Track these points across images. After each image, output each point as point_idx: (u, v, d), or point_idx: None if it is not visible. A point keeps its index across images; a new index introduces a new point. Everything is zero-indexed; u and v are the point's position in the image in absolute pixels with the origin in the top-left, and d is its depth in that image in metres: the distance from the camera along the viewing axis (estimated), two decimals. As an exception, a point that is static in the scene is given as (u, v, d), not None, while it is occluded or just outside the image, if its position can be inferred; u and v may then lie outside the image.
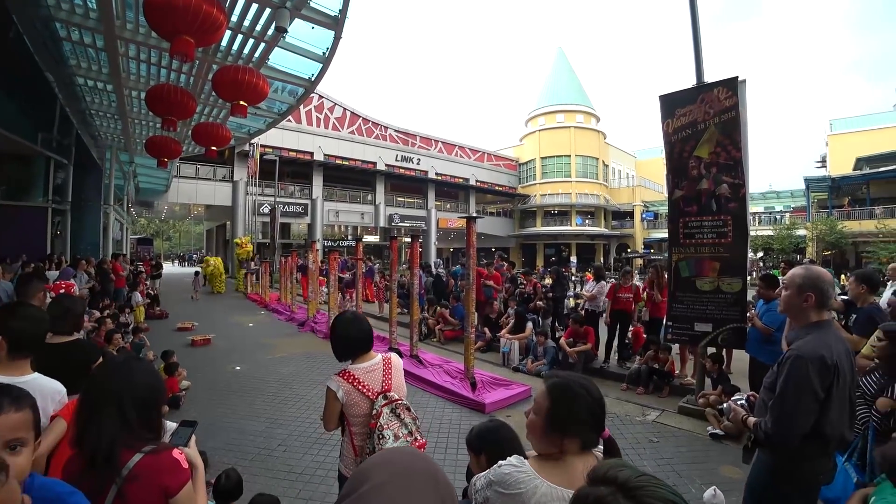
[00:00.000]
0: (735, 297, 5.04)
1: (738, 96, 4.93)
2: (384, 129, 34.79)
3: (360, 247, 10.55)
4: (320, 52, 7.97)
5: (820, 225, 27.98)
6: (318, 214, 30.14)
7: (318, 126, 30.49)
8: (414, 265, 8.03)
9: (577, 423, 1.29)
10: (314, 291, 11.82)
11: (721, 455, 4.30)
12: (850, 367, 2.02)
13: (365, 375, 2.24)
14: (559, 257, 40.60)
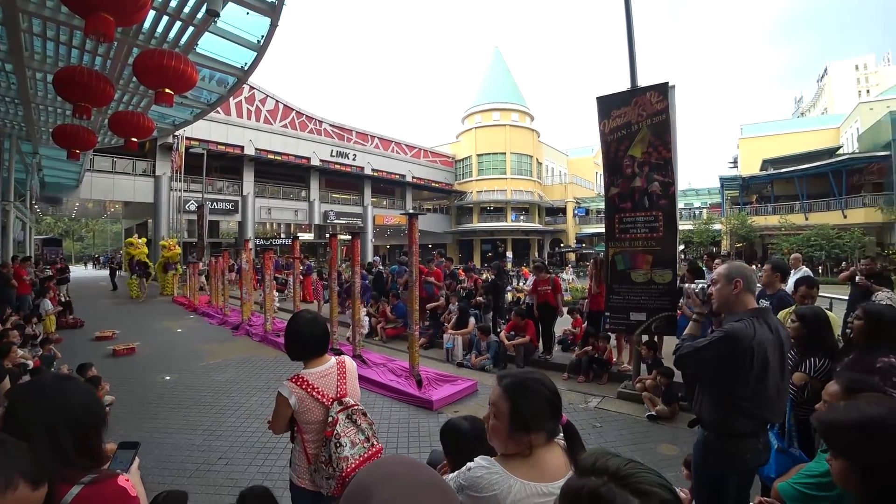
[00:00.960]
0: (666, 287, 5.39)
1: (668, 100, 5.28)
2: (319, 124, 33.74)
3: (296, 245, 10.27)
4: (254, 40, 7.57)
5: (733, 220, 30.94)
6: (250, 212, 28.77)
7: (249, 119, 29.07)
8: (355, 263, 7.87)
9: (540, 418, 1.29)
10: (248, 292, 11.27)
11: (658, 434, 4.63)
12: (780, 356, 2.22)
13: (319, 380, 2.15)
14: (496, 253, 41.37)
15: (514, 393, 1.32)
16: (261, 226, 33.15)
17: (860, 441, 1.17)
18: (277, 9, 6.57)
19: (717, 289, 2.33)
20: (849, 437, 1.20)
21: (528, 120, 44.90)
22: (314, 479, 2.11)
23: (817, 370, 2.89)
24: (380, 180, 38.45)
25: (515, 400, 1.30)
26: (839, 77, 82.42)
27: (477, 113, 44.17)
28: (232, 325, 10.89)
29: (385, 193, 41.43)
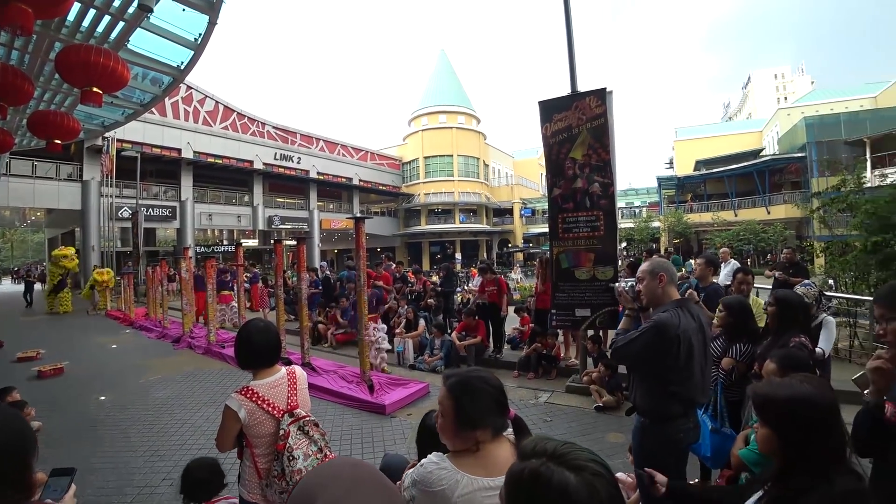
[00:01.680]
0: (608, 283, 5.61)
1: (606, 105, 5.53)
2: (261, 126, 32.57)
3: (240, 252, 9.92)
4: (192, 38, 7.30)
5: (670, 217, 32.93)
6: (189, 218, 27.27)
7: (186, 120, 27.56)
8: (301, 268, 7.70)
9: (484, 415, 1.33)
10: (189, 303, 10.73)
11: (606, 424, 4.84)
12: (702, 341, 2.41)
13: (270, 392, 2.08)
14: (445, 255, 41.60)
15: (458, 392, 1.36)
16: (201, 233, 31.76)
17: (786, 415, 1.31)
18: (216, 6, 6.36)
19: (644, 285, 2.50)
20: (777, 410, 1.33)
21: (474, 122, 45.47)
22: (266, 493, 2.06)
23: (742, 355, 3.15)
24: (326, 184, 37.62)
25: (460, 398, 1.35)
26: (761, 85, 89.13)
27: (423, 115, 44.30)
28: (172, 337, 10.33)
29: (331, 197, 40.50)
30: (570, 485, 0.76)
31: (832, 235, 10.63)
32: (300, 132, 35.84)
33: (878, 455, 1.62)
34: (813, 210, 10.85)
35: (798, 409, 1.29)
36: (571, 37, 6.30)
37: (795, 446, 1.28)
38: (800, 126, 30.19)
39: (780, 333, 2.89)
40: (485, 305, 7.84)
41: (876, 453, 1.62)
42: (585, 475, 0.78)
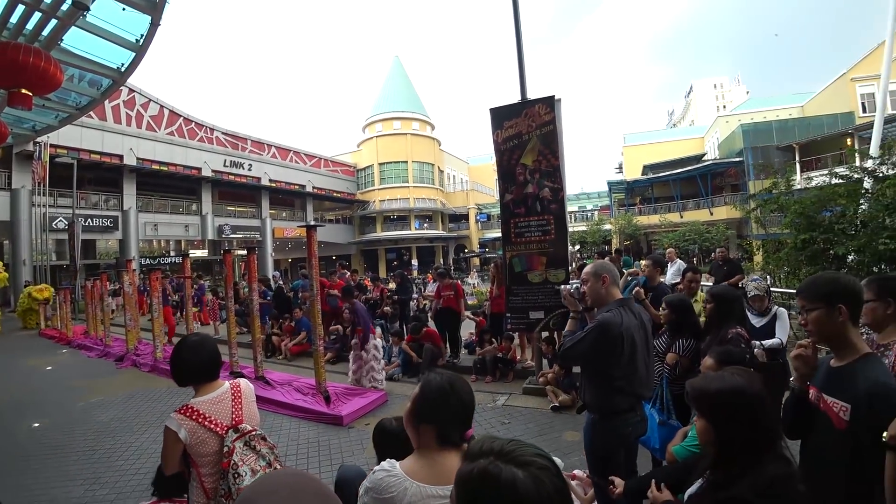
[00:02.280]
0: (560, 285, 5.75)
1: (555, 112, 5.70)
2: (210, 132, 31.33)
3: (187, 263, 9.51)
4: (133, 39, 7.00)
5: (620, 220, 34.42)
6: (133, 228, 25.81)
7: (128, 125, 26.10)
8: (252, 279, 7.42)
9: (434, 413, 1.35)
10: (133, 318, 10.08)
11: (563, 424, 4.94)
12: (644, 337, 2.53)
13: (211, 408, 2.00)
14: (401, 261, 41.42)
15: (423, 385, 1.41)
16: (147, 243, 30.26)
17: (717, 405, 1.40)
18: (159, 7, 6.11)
19: (588, 286, 2.60)
20: (710, 402, 1.43)
21: (428, 129, 45.62)
22: None
23: (685, 349, 3.31)
24: (278, 191, 36.75)
25: (421, 391, 1.40)
26: (702, 94, 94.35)
27: (377, 122, 44.05)
28: (115, 356, 9.75)
29: (284, 205, 39.68)
30: (518, 480, 0.78)
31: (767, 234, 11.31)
32: (251, 138, 34.86)
33: (804, 436, 1.74)
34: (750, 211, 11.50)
35: (729, 399, 1.37)
36: (521, 47, 6.47)
37: (728, 435, 1.37)
38: (737, 133, 32.20)
39: (720, 327, 3.08)
40: (442, 310, 7.85)
41: (802, 435, 1.74)
42: (532, 470, 0.80)
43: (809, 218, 8.36)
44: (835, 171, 9.32)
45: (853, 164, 9.09)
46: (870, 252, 7.00)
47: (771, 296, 4.26)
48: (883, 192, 7.67)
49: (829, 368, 1.67)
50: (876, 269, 6.90)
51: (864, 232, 7.52)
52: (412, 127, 43.91)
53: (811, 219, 8.34)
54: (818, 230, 8.09)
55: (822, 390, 1.64)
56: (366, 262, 44.77)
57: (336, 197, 42.56)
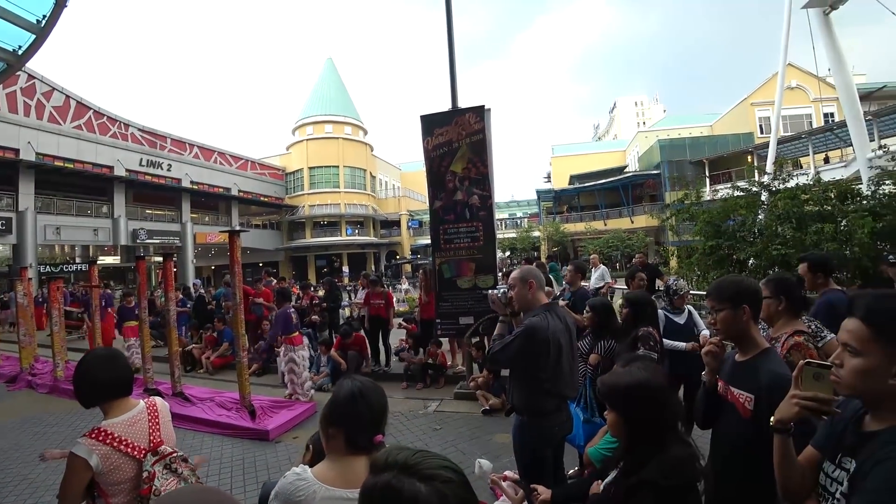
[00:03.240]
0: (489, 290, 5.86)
1: (484, 121, 5.83)
2: (125, 128, 28.64)
3: (94, 271, 8.71)
4: (33, 20, 6.34)
5: (549, 227, 35.69)
6: (30, 231, 22.93)
7: (27, 115, 23.21)
8: (169, 288, 6.94)
9: (342, 418, 1.36)
10: (28, 333, 9.03)
11: (493, 426, 5.01)
12: (569, 340, 2.64)
13: (127, 430, 1.81)
14: (332, 268, 40.59)
15: (335, 390, 1.44)
16: (47, 249, 27.47)
17: (626, 398, 1.51)
18: (64, -17, 5.57)
19: (515, 292, 2.67)
20: (619, 395, 1.53)
21: (361, 133, 45.11)
22: None
23: (607, 350, 3.48)
24: (201, 194, 34.42)
25: (333, 395, 1.43)
26: (624, 110, 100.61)
27: (308, 124, 42.96)
28: (6, 377, 8.66)
29: (208, 208, 37.32)
30: (421, 495, 0.77)
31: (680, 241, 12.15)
32: (171, 136, 32.44)
33: (713, 425, 1.90)
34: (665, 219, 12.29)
35: (635, 392, 1.48)
36: (453, 56, 6.59)
37: (636, 424, 1.48)
38: (655, 147, 34.73)
39: (635, 328, 3.26)
40: (371, 319, 7.72)
41: (712, 424, 1.90)
42: (436, 484, 0.78)
43: (716, 226, 9.14)
44: (737, 185, 10.21)
45: (752, 179, 9.98)
46: (765, 257, 7.73)
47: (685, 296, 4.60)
48: (776, 204, 8.54)
49: (734, 362, 1.83)
50: (771, 272, 7.60)
51: (760, 239, 8.35)
52: (344, 131, 43.24)
53: (717, 227, 9.12)
54: (723, 237, 8.88)
55: (729, 383, 1.79)
56: (294, 269, 43.41)
57: (263, 201, 40.77)
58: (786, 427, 1.30)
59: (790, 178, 9.44)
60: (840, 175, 16.34)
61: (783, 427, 1.30)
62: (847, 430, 1.23)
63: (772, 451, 1.34)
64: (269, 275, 10.66)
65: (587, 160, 43.66)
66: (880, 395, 1.12)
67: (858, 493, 1.10)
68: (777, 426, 1.31)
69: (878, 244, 7.45)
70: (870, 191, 8.45)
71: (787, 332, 2.24)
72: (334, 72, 46.82)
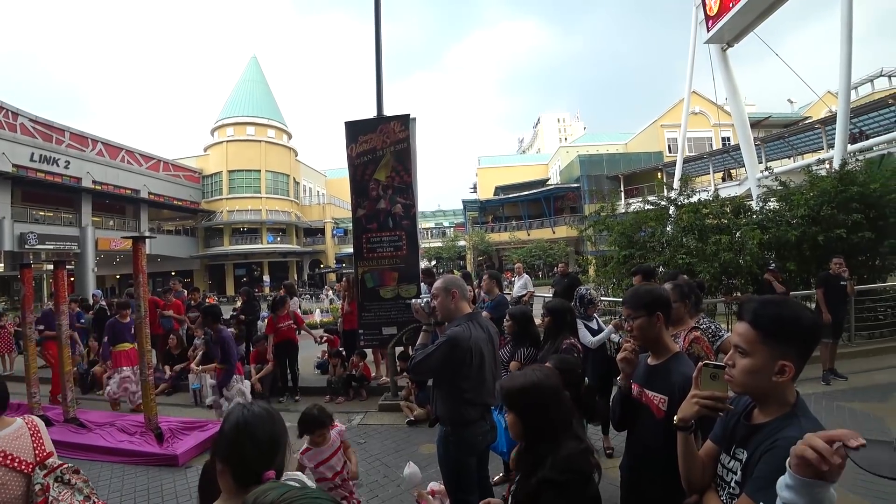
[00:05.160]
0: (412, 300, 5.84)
1: (409, 130, 5.83)
2: (12, 117, 25.28)
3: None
4: None
5: (474, 237, 36.61)
6: None
7: None
8: (60, 300, 6.15)
9: (228, 451, 1.23)
10: None
11: (419, 437, 4.99)
12: (490, 349, 2.67)
13: (11, 444, 1.73)
14: (252, 277, 38.82)
15: (224, 418, 1.31)
16: None
17: (520, 398, 1.59)
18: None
19: (438, 301, 2.67)
20: (514, 396, 1.61)
21: (285, 137, 43.67)
22: None
23: (526, 357, 3.54)
24: (105, 195, 31.28)
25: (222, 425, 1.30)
26: (548, 125, 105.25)
27: (229, 125, 40.90)
28: None
29: (113, 211, 34.27)
30: None
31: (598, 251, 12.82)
32: (70, 130, 29.26)
33: (629, 426, 1.98)
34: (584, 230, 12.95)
35: (529, 392, 1.58)
36: (380, 64, 6.58)
37: (531, 423, 1.57)
38: (575, 162, 36.93)
39: (555, 336, 3.35)
40: (279, 345, 6.89)
41: (628, 426, 1.98)
42: None
43: (629, 237, 9.80)
44: (647, 199, 10.97)
45: (661, 194, 10.75)
46: (672, 265, 8.32)
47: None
48: (681, 217, 9.28)
49: (647, 366, 1.92)
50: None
51: (668, 249, 9.01)
52: (267, 134, 41.63)
53: (630, 238, 9.78)
54: (636, 247, 9.55)
55: (644, 385, 1.88)
56: (211, 278, 41.11)
57: (177, 205, 38.08)
58: (687, 425, 1.39)
59: (693, 193, 10.33)
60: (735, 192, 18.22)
61: (685, 425, 1.39)
62: (739, 423, 1.34)
63: None
64: (179, 284, 9.94)
65: (512, 172, 45.24)
66: (766, 390, 1.24)
67: (750, 480, 1.20)
68: (679, 424, 1.40)
69: (765, 253, 8.27)
70: (758, 206, 9.41)
71: (685, 328, 2.49)
72: (259, 71, 45.04)
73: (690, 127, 25.11)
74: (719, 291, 8.26)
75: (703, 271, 7.91)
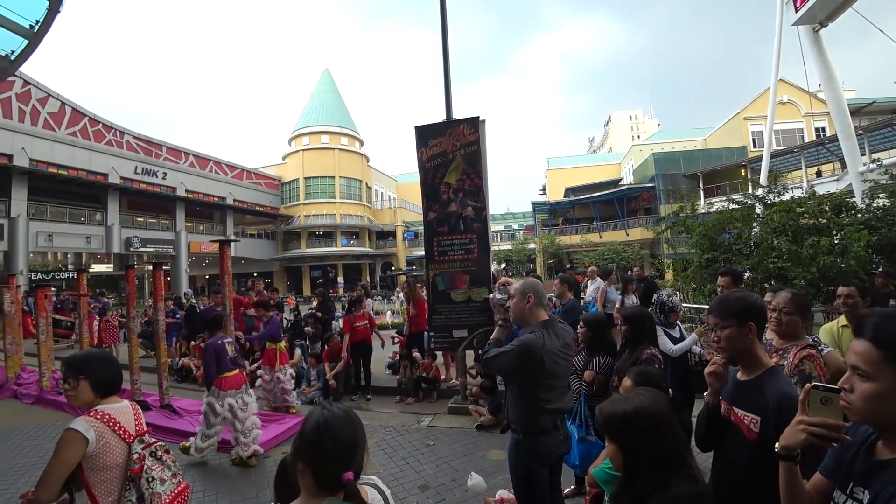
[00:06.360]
0: (483, 304, 5.78)
1: (479, 132, 5.79)
2: (120, 135, 28.51)
3: (82, 279, 8.62)
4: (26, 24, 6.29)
5: (544, 239, 35.73)
6: (21, 238, 22.63)
7: (21, 121, 22.97)
8: (158, 297, 6.80)
9: (308, 453, 1.24)
10: (15, 342, 8.83)
11: (488, 442, 4.92)
12: (565, 357, 2.56)
13: (120, 416, 1.94)
14: (326, 279, 40.38)
15: (304, 422, 1.30)
16: (39, 256, 27.19)
17: (623, 427, 1.41)
18: (57, -11, 5.55)
19: (513, 304, 2.61)
20: (616, 425, 1.42)
21: (357, 144, 45.18)
22: None
23: (602, 366, 3.38)
24: (196, 203, 34.41)
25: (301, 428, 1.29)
26: (619, 124, 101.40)
27: (305, 135, 43.01)
28: None
29: (202, 217, 37.39)
30: None
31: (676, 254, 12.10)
32: (167, 145, 32.46)
33: (715, 447, 1.79)
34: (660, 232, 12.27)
35: (632, 420, 1.39)
36: (448, 67, 6.59)
37: (634, 455, 1.38)
38: (649, 160, 34.91)
39: (634, 346, 3.16)
40: (354, 345, 7.04)
41: (714, 446, 1.79)
42: None
43: (711, 239, 9.11)
44: (732, 198, 10.22)
45: (747, 192, 10.00)
46: (761, 270, 7.68)
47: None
48: (771, 217, 8.52)
49: (736, 382, 1.73)
50: (767, 286, 7.57)
51: (756, 252, 8.30)
52: (340, 142, 43.32)
53: (713, 240, 9.09)
54: (719, 250, 8.85)
55: (732, 403, 1.70)
56: (289, 279, 43.24)
57: (258, 211, 40.77)
58: (792, 454, 1.22)
59: (785, 191, 9.47)
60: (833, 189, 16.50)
61: (789, 454, 1.22)
62: (858, 457, 1.15)
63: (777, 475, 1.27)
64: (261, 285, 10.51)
65: (582, 173, 44.08)
66: (894, 420, 1.06)
67: None
68: (782, 452, 1.23)
69: (873, 257, 7.45)
70: (864, 204, 8.48)
71: (797, 344, 2.25)
72: (331, 82, 46.98)
73: (778, 118, 23.06)
74: (817, 300, 7.52)
75: (797, 277, 7.24)
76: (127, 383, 6.82)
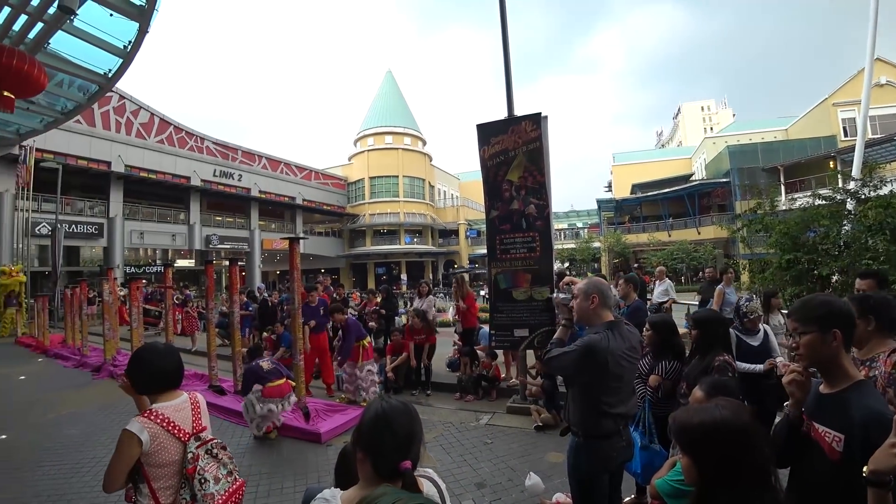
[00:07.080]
0: (545, 303, 5.70)
1: (541, 129, 5.69)
2: (200, 141, 30.99)
3: (168, 273, 9.36)
4: (121, 45, 6.91)
5: (609, 238, 34.44)
6: (118, 236, 25.31)
7: (117, 131, 25.65)
8: (233, 291, 7.23)
9: (367, 442, 1.30)
10: (112, 328, 9.80)
11: (546, 443, 4.82)
12: (630, 360, 2.44)
13: (175, 415, 1.97)
14: (390, 276, 41.24)
15: (364, 412, 1.36)
16: (133, 252, 29.72)
17: (700, 440, 1.31)
18: (147, 14, 6.05)
19: (577, 303, 2.53)
20: (692, 437, 1.33)
21: (420, 144, 45.80)
22: None
23: (668, 372, 3.23)
24: (268, 202, 36.48)
25: (362, 418, 1.35)
26: (689, 116, 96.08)
27: (369, 136, 44.16)
28: (92, 366, 9.54)
29: (274, 216, 39.54)
30: None
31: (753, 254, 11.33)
32: (241, 148, 34.62)
33: (794, 463, 1.65)
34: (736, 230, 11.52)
35: (711, 433, 1.29)
36: (509, 64, 6.52)
37: (712, 471, 1.28)
38: (724, 154, 32.84)
39: (705, 353, 2.99)
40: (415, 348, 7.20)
41: (791, 463, 1.65)
42: None
43: (794, 238, 8.38)
44: (818, 193, 9.40)
45: (836, 186, 9.17)
46: (853, 273, 7.02)
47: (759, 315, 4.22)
48: (865, 213, 7.73)
49: (818, 395, 1.58)
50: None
51: (847, 253, 7.56)
52: (404, 142, 44.08)
53: (795, 239, 8.36)
54: (802, 250, 8.12)
55: (812, 418, 1.56)
56: (355, 275, 44.55)
57: (326, 210, 42.40)
58: (883, 479, 1.10)
59: (882, 184, 8.55)
60: (940, 182, 14.78)
61: (880, 479, 1.11)
62: None
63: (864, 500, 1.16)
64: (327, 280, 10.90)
65: (650, 168, 42.35)
66: None
67: None
68: (871, 478, 1.12)
69: None
70: None
71: (884, 350, 2.01)
72: (394, 84, 47.87)
73: (875, 103, 20.85)
74: None
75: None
76: (205, 369, 7.33)
